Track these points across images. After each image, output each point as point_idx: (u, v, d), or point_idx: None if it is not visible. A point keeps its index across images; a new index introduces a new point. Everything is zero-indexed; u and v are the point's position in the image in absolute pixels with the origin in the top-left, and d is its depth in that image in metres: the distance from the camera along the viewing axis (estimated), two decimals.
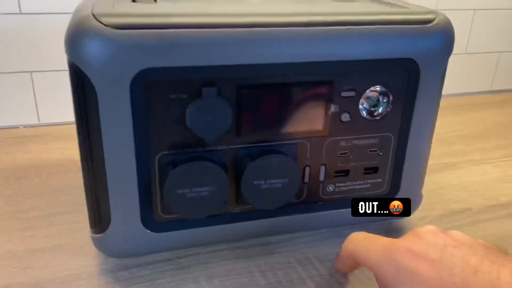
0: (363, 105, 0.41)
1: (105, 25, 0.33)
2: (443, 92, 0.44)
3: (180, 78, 0.35)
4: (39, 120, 0.73)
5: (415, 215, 0.49)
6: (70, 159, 0.62)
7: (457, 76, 0.92)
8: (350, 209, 0.45)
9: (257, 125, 0.39)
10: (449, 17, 0.41)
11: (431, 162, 0.63)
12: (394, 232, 0.48)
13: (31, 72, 0.69)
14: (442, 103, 0.45)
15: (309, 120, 0.40)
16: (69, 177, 0.57)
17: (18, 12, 0.66)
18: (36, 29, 0.67)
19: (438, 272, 0.28)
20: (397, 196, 0.45)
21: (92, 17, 0.34)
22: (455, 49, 0.42)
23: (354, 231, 0.46)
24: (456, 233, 0.31)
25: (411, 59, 0.39)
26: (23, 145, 0.66)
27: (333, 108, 0.40)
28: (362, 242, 0.35)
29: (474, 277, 0.27)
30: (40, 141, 0.68)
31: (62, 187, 0.55)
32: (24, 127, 0.72)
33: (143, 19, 0.34)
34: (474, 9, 0.87)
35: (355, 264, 0.37)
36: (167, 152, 0.37)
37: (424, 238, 0.31)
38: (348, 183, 0.44)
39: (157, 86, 0.35)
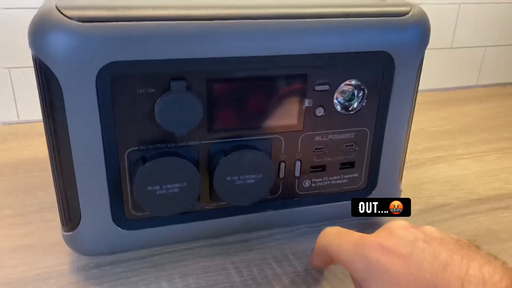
0: (337, 99, 0.40)
1: (69, 18, 0.32)
2: (428, 86, 0.43)
3: (147, 71, 0.34)
4: (18, 118, 0.71)
5: None
6: (48, 156, 0.61)
7: (443, 70, 0.91)
8: (327, 204, 0.45)
9: (229, 119, 0.38)
10: (434, 12, 0.41)
11: (413, 157, 0.64)
12: (371, 227, 0.47)
13: (9, 68, 0.68)
14: (427, 97, 0.45)
15: (283, 114, 0.39)
16: (46, 175, 0.56)
17: None
18: (14, 24, 0.66)
19: (408, 267, 0.28)
20: (375, 191, 0.45)
21: (56, 9, 0.33)
22: (441, 44, 0.41)
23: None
24: (427, 228, 0.31)
25: (385, 52, 0.39)
26: (2, 142, 0.65)
27: (307, 102, 0.39)
28: (335, 238, 0.35)
29: (443, 272, 0.27)
30: (19, 138, 0.67)
31: (38, 184, 0.54)
32: (3, 124, 0.71)
33: (108, 12, 0.33)
34: (459, 3, 0.87)
35: (330, 259, 0.37)
36: (136, 148, 0.37)
37: (395, 233, 0.31)
38: (325, 178, 0.43)
39: (124, 80, 0.34)
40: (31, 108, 0.71)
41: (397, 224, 0.32)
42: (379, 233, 0.32)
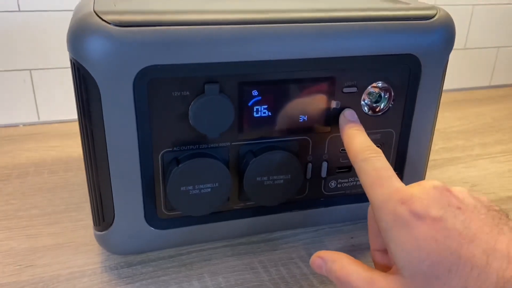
0: (364, 101, 0.41)
1: (108, 23, 0.33)
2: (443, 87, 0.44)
3: (182, 75, 0.35)
4: (38, 118, 0.72)
5: None
6: (70, 156, 0.62)
7: (456, 71, 0.92)
8: (352, 205, 0.45)
9: (259, 121, 0.39)
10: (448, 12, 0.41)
11: (431, 157, 0.64)
12: None
13: (30, 70, 0.69)
14: (442, 98, 0.45)
15: (311, 116, 0.40)
16: (70, 175, 0.57)
17: (17, 9, 0.65)
18: (35, 26, 0.67)
19: (435, 232, 0.28)
20: None
21: (95, 14, 0.33)
22: (455, 45, 0.42)
23: (356, 227, 0.47)
24: (460, 192, 0.30)
25: (412, 54, 0.40)
26: (23, 143, 0.66)
27: (335, 104, 0.40)
28: (374, 180, 0.33)
29: (469, 244, 0.27)
30: (40, 139, 0.68)
31: (63, 184, 0.55)
32: (24, 125, 0.72)
33: (145, 17, 0.34)
34: (473, 5, 0.87)
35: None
36: (170, 149, 0.37)
37: (429, 194, 0.30)
38: (350, 179, 0.44)
39: (160, 83, 0.35)
40: (51, 109, 0.72)
41: (431, 184, 0.31)
42: (414, 190, 0.30)
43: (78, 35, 0.33)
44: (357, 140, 0.37)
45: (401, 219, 0.29)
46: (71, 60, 0.35)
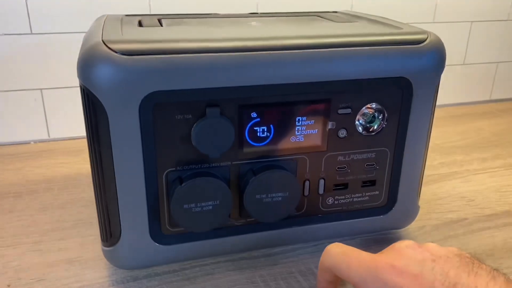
0: (359, 121, 0.43)
1: (115, 52, 0.35)
2: (443, 102, 0.46)
3: (185, 99, 0.37)
4: (48, 136, 0.75)
5: (412, 225, 0.51)
6: (80, 173, 0.64)
7: (456, 86, 0.93)
8: (349, 220, 0.47)
9: (258, 142, 0.41)
10: (447, 29, 0.43)
11: (429, 172, 0.65)
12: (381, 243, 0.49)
13: (41, 89, 0.72)
14: (441, 113, 0.47)
15: (308, 136, 0.42)
16: (80, 191, 0.60)
17: (29, 32, 0.68)
18: (46, 48, 0.70)
19: (421, 286, 0.30)
20: (394, 208, 0.47)
21: (103, 44, 0.36)
22: (454, 60, 0.43)
23: (354, 242, 0.49)
24: (431, 246, 0.33)
25: (404, 77, 0.41)
26: (34, 160, 0.69)
27: (330, 125, 0.42)
28: (342, 258, 0.36)
29: None
30: (50, 156, 0.70)
31: (73, 200, 0.57)
32: (35, 142, 0.75)
33: (150, 45, 0.36)
34: (471, 21, 0.89)
35: (336, 279, 0.38)
36: (174, 169, 0.39)
37: (404, 254, 0.33)
38: (347, 196, 0.46)
39: (164, 107, 0.37)
40: (61, 126, 0.75)
41: (404, 244, 0.34)
42: (388, 254, 0.33)
43: (87, 64, 0.36)
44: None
45: (390, 283, 0.31)
46: (81, 86, 0.37)
